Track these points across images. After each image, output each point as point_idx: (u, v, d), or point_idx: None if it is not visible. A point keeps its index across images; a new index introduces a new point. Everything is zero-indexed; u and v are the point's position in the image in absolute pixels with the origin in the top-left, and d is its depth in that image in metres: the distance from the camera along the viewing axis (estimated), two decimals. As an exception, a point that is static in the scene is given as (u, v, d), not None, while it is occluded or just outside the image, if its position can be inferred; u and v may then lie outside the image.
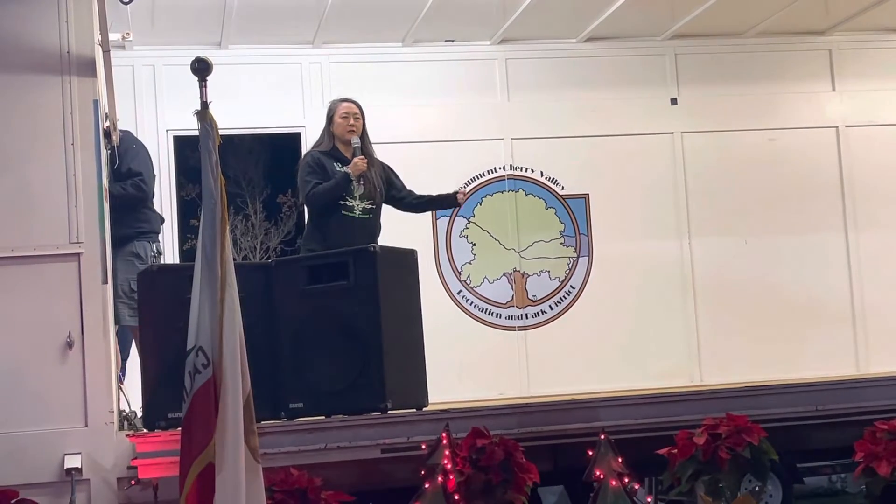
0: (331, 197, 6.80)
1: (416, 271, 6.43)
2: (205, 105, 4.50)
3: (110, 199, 6.85)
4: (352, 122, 6.93)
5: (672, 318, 9.14)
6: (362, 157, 6.83)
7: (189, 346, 4.59)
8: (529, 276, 9.11)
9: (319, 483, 5.31)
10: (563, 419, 6.13)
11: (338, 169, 6.85)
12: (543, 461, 5.81)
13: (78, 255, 5.75)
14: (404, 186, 7.15)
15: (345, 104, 7.01)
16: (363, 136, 6.96)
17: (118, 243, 6.77)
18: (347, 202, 6.83)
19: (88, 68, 5.89)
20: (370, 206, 6.90)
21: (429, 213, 8.91)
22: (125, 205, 6.97)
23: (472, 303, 9.01)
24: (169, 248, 8.42)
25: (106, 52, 6.45)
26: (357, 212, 6.86)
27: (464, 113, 9.12)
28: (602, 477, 5.26)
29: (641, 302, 9.11)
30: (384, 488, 5.96)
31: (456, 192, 7.20)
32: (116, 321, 6.73)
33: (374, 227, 6.92)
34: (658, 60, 9.42)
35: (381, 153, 7.19)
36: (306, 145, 8.25)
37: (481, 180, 9.12)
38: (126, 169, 7.03)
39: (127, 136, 7.29)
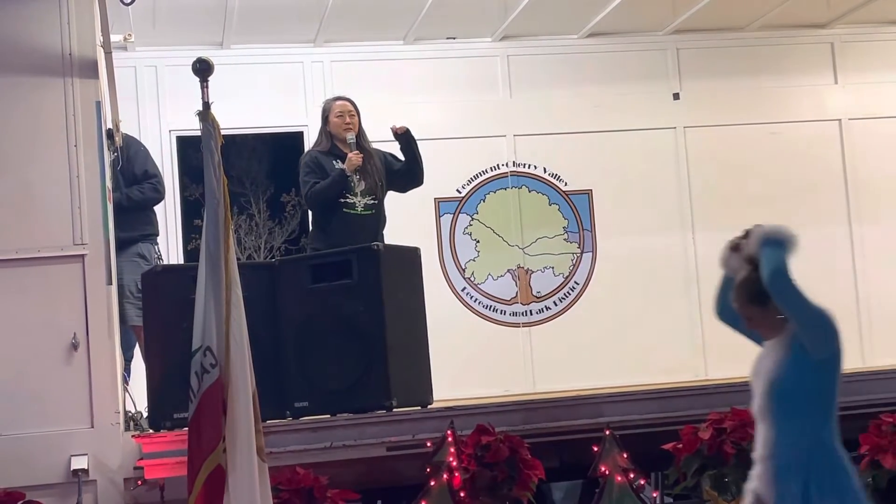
0: (329, 194, 6.81)
1: (419, 269, 6.43)
2: (206, 105, 4.52)
3: (127, 203, 6.89)
4: (347, 119, 6.93)
5: (676, 313, 9.13)
6: (357, 152, 6.83)
7: (195, 347, 4.60)
8: (533, 272, 9.11)
9: (325, 481, 5.33)
10: (568, 415, 6.13)
11: (336, 166, 6.86)
12: (549, 457, 5.81)
13: (82, 256, 5.76)
14: (401, 161, 7.08)
15: (339, 102, 7.02)
16: (360, 132, 6.97)
17: (123, 245, 6.80)
18: (349, 199, 6.84)
19: (90, 70, 5.89)
20: (372, 201, 6.90)
21: (432, 212, 8.94)
22: (140, 207, 7.02)
23: (476, 300, 9.01)
24: (173, 249, 8.44)
25: (108, 54, 6.46)
26: (359, 208, 6.86)
27: (466, 110, 9.12)
28: (607, 472, 5.27)
29: (645, 297, 9.11)
30: (390, 486, 5.96)
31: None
32: (124, 321, 6.75)
33: (377, 223, 6.93)
34: (660, 55, 9.42)
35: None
36: (309, 144, 8.24)
37: (484, 177, 9.13)
38: (141, 172, 7.08)
39: (133, 140, 7.33)
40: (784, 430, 3.69)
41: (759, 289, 3.74)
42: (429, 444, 5.51)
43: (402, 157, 7.07)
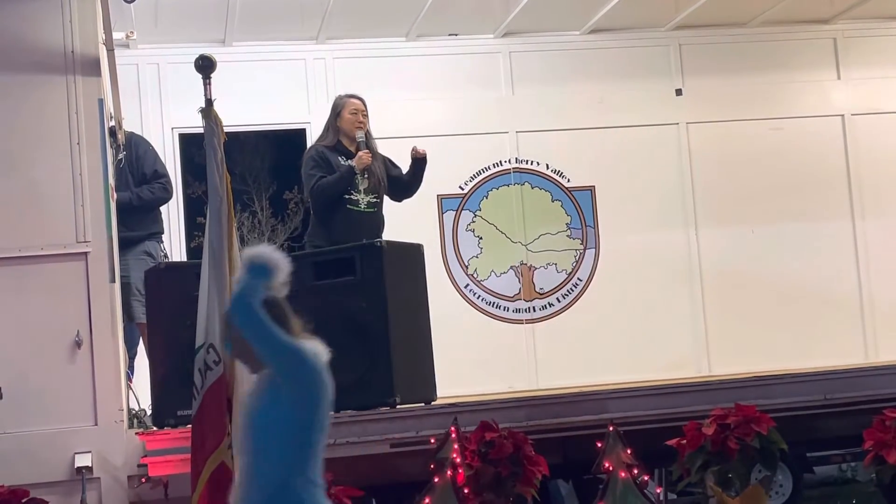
0: (335, 190, 6.82)
1: (422, 266, 6.43)
2: (209, 102, 4.52)
3: (137, 202, 6.90)
4: (360, 118, 6.95)
5: (679, 309, 9.13)
6: (367, 150, 6.85)
7: (199, 344, 4.60)
8: (536, 268, 9.11)
9: (329, 478, 5.31)
10: (571, 411, 6.13)
11: (342, 163, 6.87)
12: (552, 454, 5.81)
13: (85, 254, 5.77)
14: (400, 169, 7.14)
15: (353, 100, 7.03)
16: (367, 133, 6.99)
17: (130, 244, 6.82)
18: (353, 196, 6.85)
19: (93, 67, 5.89)
20: (375, 199, 6.92)
21: (435, 208, 8.94)
22: (150, 207, 7.04)
23: (479, 296, 9.01)
24: (176, 246, 8.44)
25: (110, 52, 6.46)
26: (362, 205, 6.87)
27: (468, 107, 9.11)
28: (611, 469, 5.26)
29: (649, 293, 9.11)
30: (394, 483, 5.97)
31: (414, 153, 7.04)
32: (132, 319, 6.77)
33: (379, 221, 6.94)
34: (662, 51, 9.41)
35: (386, 148, 7.21)
36: (311, 141, 8.24)
37: (487, 174, 9.12)
38: (151, 172, 7.10)
39: (142, 140, 7.34)
40: (259, 469, 3.40)
41: None
42: (432, 441, 5.51)
43: (399, 165, 7.11)
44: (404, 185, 7.10)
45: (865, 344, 9.21)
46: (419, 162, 7.03)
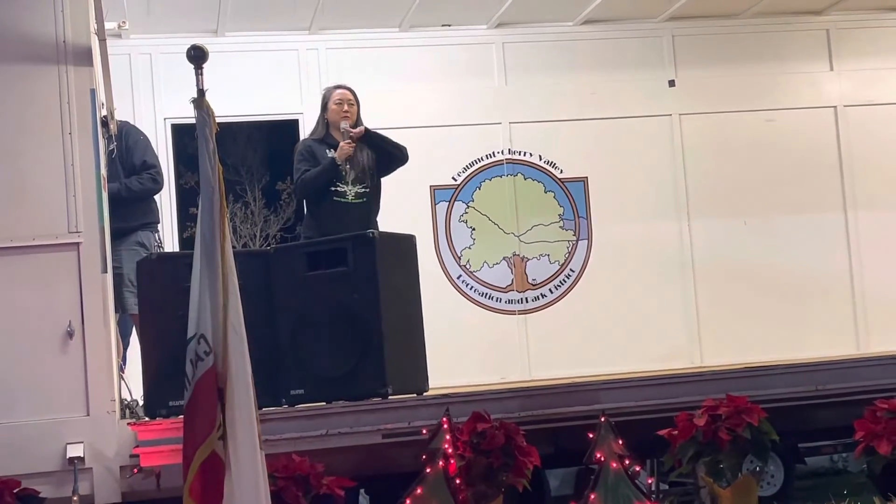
0: (318, 183, 6.82)
1: (414, 256, 6.43)
2: (201, 93, 4.49)
3: (126, 193, 6.89)
4: (346, 108, 6.93)
5: (672, 300, 9.14)
6: (349, 141, 6.82)
7: (190, 334, 4.58)
8: (529, 259, 9.11)
9: (321, 469, 5.33)
10: (563, 402, 6.14)
11: (328, 155, 6.86)
12: (544, 444, 5.82)
13: (77, 244, 5.75)
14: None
15: (339, 91, 7.03)
16: (357, 122, 6.96)
17: (123, 234, 6.81)
18: (339, 188, 6.84)
19: (85, 57, 5.88)
20: (363, 189, 6.90)
21: (428, 200, 8.94)
22: (139, 198, 7.02)
23: (472, 287, 9.02)
24: (168, 237, 8.43)
25: (102, 41, 6.45)
26: (349, 196, 6.87)
27: (461, 97, 9.10)
28: (603, 459, 5.27)
29: (641, 284, 9.12)
30: (385, 473, 5.98)
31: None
32: (124, 310, 6.76)
33: (368, 212, 6.92)
34: (655, 42, 9.41)
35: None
36: (304, 132, 8.25)
37: (480, 165, 9.12)
38: (140, 162, 7.08)
39: (133, 129, 7.32)
40: None
41: None
42: (424, 432, 5.51)
43: (394, 139, 7.06)
44: (386, 158, 7.02)
45: (857, 335, 9.23)
46: (367, 140, 6.88)
